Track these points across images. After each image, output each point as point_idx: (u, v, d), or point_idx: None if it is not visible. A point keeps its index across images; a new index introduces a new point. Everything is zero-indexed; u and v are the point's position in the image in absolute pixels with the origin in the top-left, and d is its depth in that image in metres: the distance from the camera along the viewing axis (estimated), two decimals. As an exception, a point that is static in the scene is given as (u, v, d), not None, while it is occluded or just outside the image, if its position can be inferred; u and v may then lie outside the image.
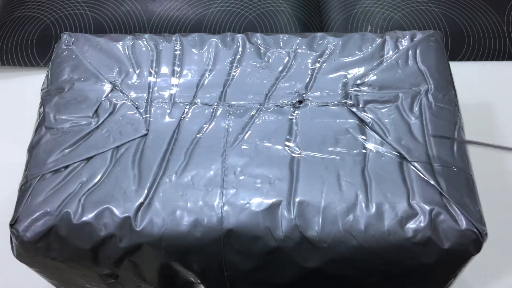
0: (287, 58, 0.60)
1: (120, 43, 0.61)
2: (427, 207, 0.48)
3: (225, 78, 0.58)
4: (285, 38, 0.62)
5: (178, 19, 0.87)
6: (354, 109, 0.55)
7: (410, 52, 0.59)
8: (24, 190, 0.51)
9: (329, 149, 0.52)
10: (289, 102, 0.56)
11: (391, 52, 0.60)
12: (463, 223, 0.48)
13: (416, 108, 0.55)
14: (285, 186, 0.50)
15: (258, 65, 0.59)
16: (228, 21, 0.87)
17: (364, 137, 0.53)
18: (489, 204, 0.55)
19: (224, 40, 0.62)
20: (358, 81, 0.57)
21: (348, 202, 0.49)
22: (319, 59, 0.59)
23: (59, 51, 0.61)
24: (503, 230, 0.67)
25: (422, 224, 0.47)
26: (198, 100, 0.57)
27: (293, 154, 0.52)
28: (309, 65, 0.59)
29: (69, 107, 0.56)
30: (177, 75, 0.59)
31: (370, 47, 0.60)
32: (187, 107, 0.56)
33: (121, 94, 0.57)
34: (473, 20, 0.86)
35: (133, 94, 0.57)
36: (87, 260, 0.50)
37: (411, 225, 0.48)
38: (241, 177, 0.50)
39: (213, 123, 0.54)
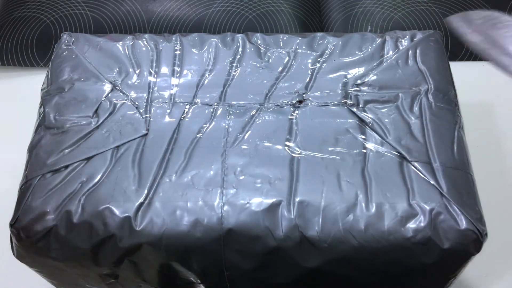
0: (287, 58, 0.60)
1: (120, 43, 0.61)
2: (427, 207, 0.48)
3: (225, 78, 0.58)
4: (285, 38, 0.61)
5: (178, 19, 0.87)
6: (354, 109, 0.55)
7: (410, 52, 0.59)
8: (24, 190, 0.51)
9: (329, 149, 0.52)
10: (289, 102, 0.56)
11: (391, 52, 0.60)
12: (463, 223, 0.48)
13: (416, 108, 0.55)
14: (285, 186, 0.50)
15: (258, 65, 0.59)
16: (228, 21, 0.87)
17: (364, 137, 0.53)
18: (489, 204, 0.55)
19: (224, 40, 0.61)
20: (358, 81, 0.57)
21: (348, 202, 0.49)
22: (319, 59, 0.59)
23: (59, 51, 0.61)
24: (503, 230, 0.67)
25: (422, 224, 0.47)
26: (198, 100, 0.57)
27: (293, 154, 0.52)
28: (309, 65, 0.59)
29: (69, 107, 0.56)
30: (177, 75, 0.59)
31: (370, 47, 0.60)
32: (187, 107, 0.56)
33: (121, 94, 0.57)
34: (473, 20, 0.86)
35: (133, 94, 0.57)
36: (87, 260, 0.50)
37: (411, 225, 0.48)
38: (241, 177, 0.50)
39: (213, 123, 0.54)
